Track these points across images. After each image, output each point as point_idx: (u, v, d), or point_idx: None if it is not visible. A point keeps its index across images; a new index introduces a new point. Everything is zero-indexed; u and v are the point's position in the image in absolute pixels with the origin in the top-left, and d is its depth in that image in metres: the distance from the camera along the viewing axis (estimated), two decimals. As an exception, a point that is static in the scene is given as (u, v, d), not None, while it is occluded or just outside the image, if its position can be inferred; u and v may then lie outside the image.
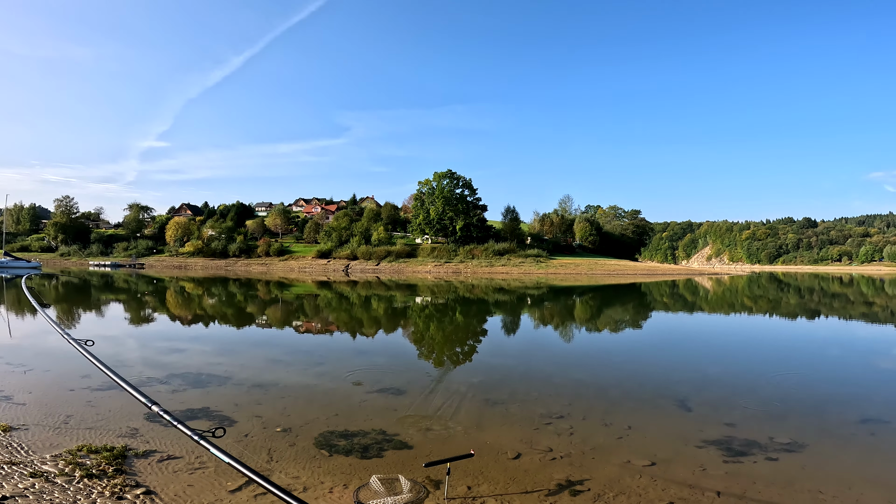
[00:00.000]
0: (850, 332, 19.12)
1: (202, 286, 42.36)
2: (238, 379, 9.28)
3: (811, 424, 7.09)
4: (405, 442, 6.09)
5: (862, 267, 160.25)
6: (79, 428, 6.35)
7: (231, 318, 21.36)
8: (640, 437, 6.32)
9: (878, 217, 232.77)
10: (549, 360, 12.54)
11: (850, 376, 10.78)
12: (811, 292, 43.60)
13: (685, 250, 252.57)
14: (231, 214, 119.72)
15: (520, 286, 46.49)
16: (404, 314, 23.82)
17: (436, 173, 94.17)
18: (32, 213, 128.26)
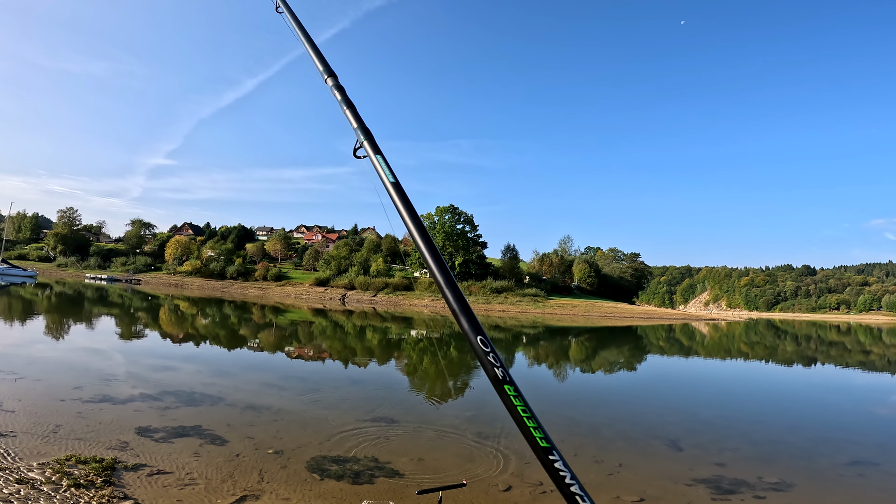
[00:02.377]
0: (847, 380, 19.04)
1: (197, 306, 42.13)
2: (231, 400, 9.24)
3: (800, 466, 7.09)
4: (397, 470, 6.06)
5: (860, 316, 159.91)
6: (68, 438, 6.32)
7: (225, 339, 21.24)
8: (631, 475, 6.31)
9: (878, 266, 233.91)
10: (543, 397, 12.47)
11: (844, 421, 10.77)
12: (808, 340, 43.44)
13: (683, 295, 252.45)
14: (232, 237, 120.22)
15: (516, 325, 46.29)
16: (399, 346, 23.69)
17: (438, 208, 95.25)
18: (34, 223, 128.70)
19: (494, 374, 1.42)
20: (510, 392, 1.41)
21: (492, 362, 1.42)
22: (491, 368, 1.41)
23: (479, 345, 1.45)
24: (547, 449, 1.35)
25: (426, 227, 8.56)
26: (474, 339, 1.45)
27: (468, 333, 1.48)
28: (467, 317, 1.51)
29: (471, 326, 1.49)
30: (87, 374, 10.69)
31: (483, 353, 1.43)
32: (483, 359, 1.42)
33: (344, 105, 2.47)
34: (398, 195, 1.96)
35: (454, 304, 1.55)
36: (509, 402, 1.41)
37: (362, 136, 2.25)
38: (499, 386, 1.41)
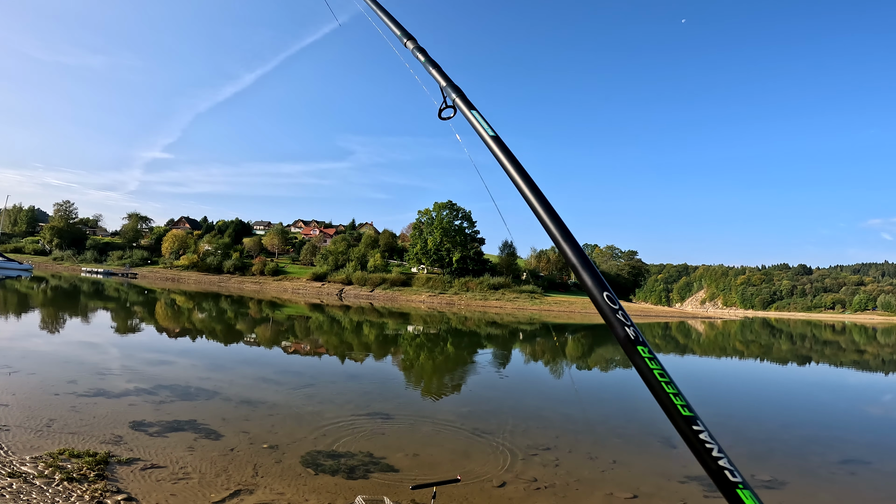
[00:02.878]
0: (840, 379, 19.16)
1: (193, 300, 42.04)
2: (226, 394, 9.23)
3: (793, 464, 7.14)
4: (392, 465, 6.07)
5: (855, 315, 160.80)
6: (62, 432, 6.30)
7: (221, 334, 21.21)
8: (625, 472, 6.33)
9: (874, 266, 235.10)
10: (539, 394, 12.51)
11: (837, 420, 10.84)
12: (803, 339, 43.65)
13: (680, 293, 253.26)
14: (229, 231, 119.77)
15: (513, 321, 46.35)
16: (395, 342, 23.70)
17: (436, 203, 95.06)
18: (31, 216, 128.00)
19: (626, 334, 1.26)
20: (645, 354, 1.24)
21: (621, 321, 1.27)
22: (621, 328, 1.26)
23: (605, 302, 1.29)
24: (690, 418, 1.15)
25: (424, 223, 8.31)
26: (599, 295, 1.31)
27: (592, 290, 1.33)
28: (589, 271, 1.37)
29: (594, 282, 1.34)
30: (81, 368, 10.65)
31: (611, 312, 1.28)
32: (611, 318, 1.28)
33: (429, 66, 2.40)
34: (500, 149, 1.85)
35: (573, 257, 1.41)
36: (644, 365, 1.23)
37: (454, 93, 2.16)
38: (631, 347, 1.25)
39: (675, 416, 1.18)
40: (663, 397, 1.21)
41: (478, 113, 2.03)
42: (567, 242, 1.46)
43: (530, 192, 1.65)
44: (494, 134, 1.90)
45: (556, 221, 1.54)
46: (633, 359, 1.25)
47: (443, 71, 2.33)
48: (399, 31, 2.73)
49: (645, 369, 1.24)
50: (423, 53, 2.50)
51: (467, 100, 2.13)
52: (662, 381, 1.22)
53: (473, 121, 2.01)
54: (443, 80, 2.26)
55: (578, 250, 1.44)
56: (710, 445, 1.14)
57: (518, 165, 1.76)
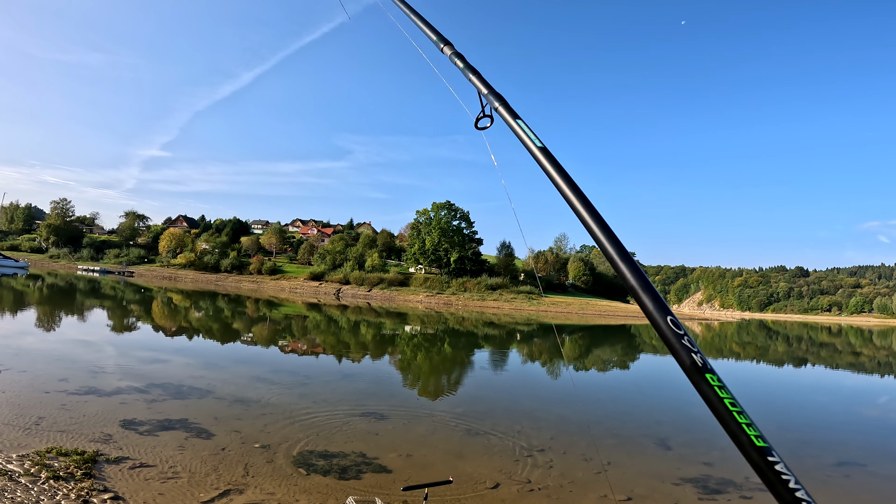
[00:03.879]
0: (836, 381, 19.16)
1: (190, 299, 41.89)
2: (220, 393, 9.16)
3: (788, 466, 7.09)
4: (384, 465, 6.02)
5: (851, 318, 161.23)
6: (50, 430, 6.23)
7: (217, 333, 21.11)
8: (619, 473, 6.29)
9: (870, 268, 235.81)
10: (535, 395, 12.47)
11: (832, 422, 10.84)
12: (799, 341, 43.72)
13: (677, 295, 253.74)
14: (227, 230, 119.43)
15: (510, 322, 46.32)
16: (392, 342, 23.63)
17: (434, 204, 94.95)
18: (27, 213, 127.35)
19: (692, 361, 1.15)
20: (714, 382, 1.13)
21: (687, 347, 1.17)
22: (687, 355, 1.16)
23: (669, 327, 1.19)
24: (765, 449, 1.06)
25: (422, 223, 8.17)
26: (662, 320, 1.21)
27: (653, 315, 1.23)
28: (650, 295, 1.26)
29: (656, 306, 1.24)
30: (74, 366, 10.57)
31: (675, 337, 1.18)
32: (674, 344, 1.18)
33: (469, 72, 2.25)
34: (548, 160, 1.65)
35: (633, 280, 1.30)
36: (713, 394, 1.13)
37: (496, 101, 2.01)
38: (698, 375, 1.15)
39: (748, 448, 1.09)
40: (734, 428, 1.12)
41: (523, 122, 1.88)
42: (625, 263, 1.36)
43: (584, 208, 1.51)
44: (542, 145, 1.75)
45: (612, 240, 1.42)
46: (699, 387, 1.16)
47: (483, 78, 2.19)
48: (435, 37, 2.59)
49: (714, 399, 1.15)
50: (461, 59, 2.36)
51: (511, 108, 1.98)
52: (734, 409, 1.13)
53: (519, 131, 1.86)
54: (484, 88, 2.12)
55: (638, 272, 1.33)
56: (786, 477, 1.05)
57: (569, 179, 1.62)
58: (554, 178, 1.64)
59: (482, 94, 2.11)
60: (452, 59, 2.41)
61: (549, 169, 1.67)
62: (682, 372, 1.14)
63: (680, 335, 1.19)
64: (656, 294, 1.27)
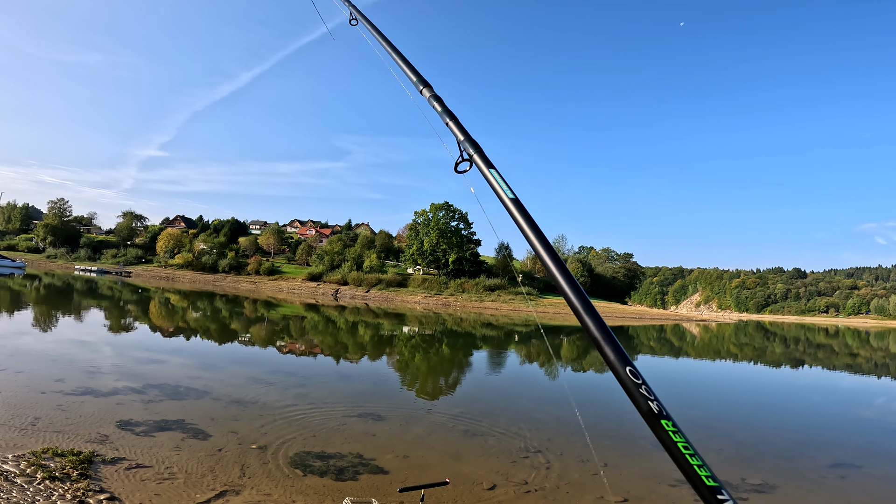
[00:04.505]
0: (833, 382, 19.22)
1: (188, 299, 41.81)
2: (217, 394, 9.15)
3: (783, 467, 7.13)
4: (381, 467, 6.02)
5: (848, 319, 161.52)
6: (46, 431, 6.22)
7: (214, 333, 21.08)
8: (616, 475, 6.30)
9: (867, 270, 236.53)
10: (532, 396, 12.48)
11: (828, 423, 10.88)
12: (796, 342, 43.84)
13: (675, 296, 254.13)
14: (225, 230, 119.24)
15: (508, 322, 46.35)
16: (391, 342, 23.63)
17: (432, 204, 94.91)
18: (24, 213, 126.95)
19: (649, 408, 1.27)
20: (669, 427, 1.24)
21: (645, 395, 1.28)
22: (644, 402, 1.27)
23: (628, 376, 1.31)
24: (715, 489, 1.16)
25: (421, 224, 8.16)
26: (622, 370, 1.31)
27: (615, 364, 1.33)
28: (612, 346, 1.36)
29: (617, 357, 1.35)
30: (70, 366, 10.54)
31: (634, 386, 1.29)
32: (634, 392, 1.29)
33: (446, 116, 2.26)
34: (519, 212, 1.72)
35: (595, 331, 1.40)
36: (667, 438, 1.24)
37: (471, 149, 2.03)
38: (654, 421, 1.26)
39: (700, 487, 1.19)
40: (687, 469, 1.21)
41: (497, 172, 1.91)
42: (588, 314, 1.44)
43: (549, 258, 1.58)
44: (514, 196, 1.80)
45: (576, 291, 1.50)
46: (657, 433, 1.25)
47: (460, 124, 2.21)
48: (415, 78, 2.62)
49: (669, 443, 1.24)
50: (439, 103, 2.38)
51: (486, 157, 2.00)
52: (686, 453, 1.22)
53: (492, 180, 1.89)
54: (460, 134, 2.14)
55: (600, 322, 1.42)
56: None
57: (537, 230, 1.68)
58: (523, 228, 1.70)
59: (459, 141, 2.12)
60: (431, 103, 2.41)
61: (519, 220, 1.72)
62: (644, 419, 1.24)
63: (638, 384, 1.29)
64: (618, 345, 1.37)
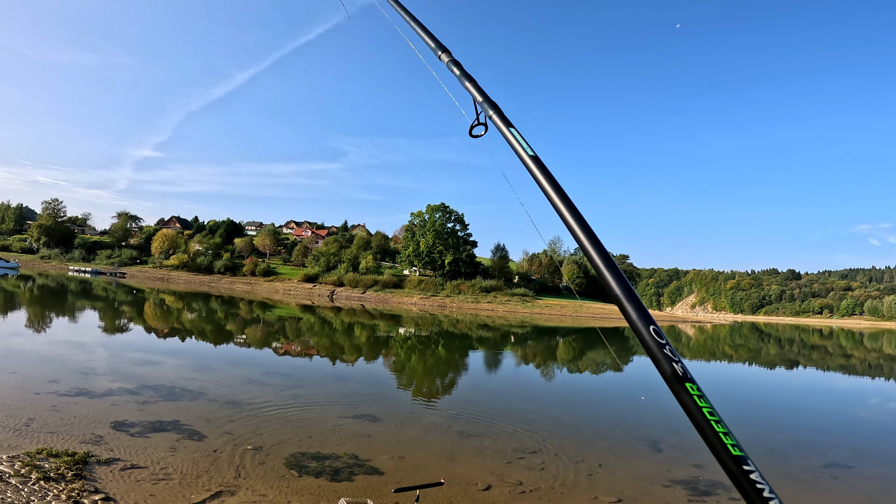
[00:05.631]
0: (827, 383, 19.35)
1: (183, 300, 41.65)
2: (212, 395, 9.13)
3: (776, 468, 7.19)
4: (376, 467, 6.03)
5: (842, 320, 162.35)
6: (41, 431, 6.20)
7: (209, 334, 21.01)
8: (610, 475, 6.34)
9: (861, 271, 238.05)
10: (528, 397, 12.50)
11: (821, 424, 10.96)
12: (791, 343, 44.07)
13: (670, 297, 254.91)
14: (220, 231, 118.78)
15: (504, 324, 46.39)
16: (387, 344, 23.61)
17: (429, 206, 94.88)
18: (18, 214, 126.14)
19: (673, 370, 1.19)
20: (693, 392, 1.17)
21: (669, 356, 1.20)
22: (668, 364, 1.19)
23: (652, 336, 1.22)
24: (741, 458, 1.08)
25: (417, 225, 8.17)
26: (645, 329, 1.24)
27: (636, 324, 1.25)
28: (634, 304, 1.28)
29: (639, 315, 1.26)
30: (65, 367, 10.50)
31: (657, 347, 1.21)
32: (657, 353, 1.21)
33: (465, 80, 2.27)
34: (539, 169, 1.69)
35: (617, 289, 1.31)
36: (692, 403, 1.16)
37: (490, 109, 2.02)
38: (678, 384, 1.18)
39: (724, 456, 1.12)
40: (711, 436, 1.14)
41: (516, 131, 1.90)
42: (610, 272, 1.38)
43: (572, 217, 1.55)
44: (534, 154, 1.78)
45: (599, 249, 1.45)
46: (679, 396, 1.19)
47: (479, 86, 2.21)
48: (433, 44, 2.60)
49: (693, 408, 1.17)
50: (458, 67, 2.39)
51: (505, 117, 2.00)
52: (712, 419, 1.15)
53: (511, 139, 1.88)
54: (479, 96, 2.13)
55: (622, 280, 1.36)
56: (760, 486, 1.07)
57: (558, 188, 1.65)
58: (544, 187, 1.67)
59: (477, 102, 2.12)
60: (449, 67, 2.42)
61: (539, 177, 1.70)
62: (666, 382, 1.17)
63: (662, 344, 1.22)
64: (640, 303, 1.30)
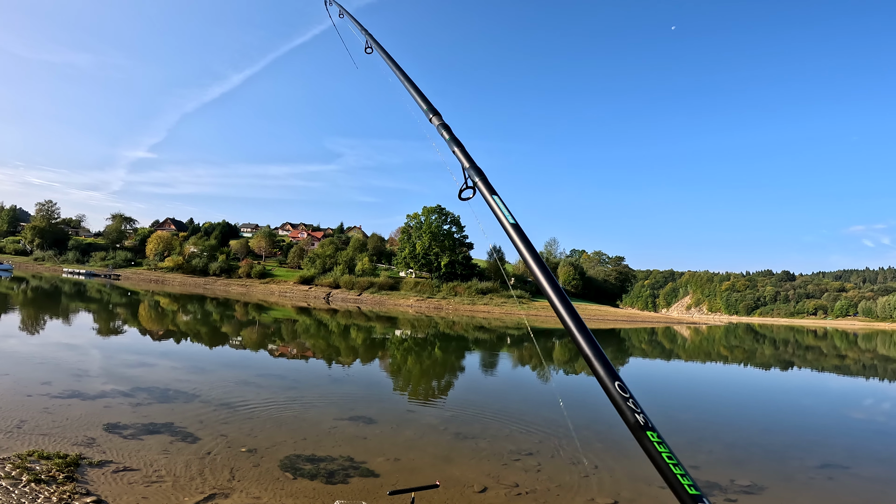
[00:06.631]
0: (822, 384, 19.43)
1: (178, 302, 41.43)
2: (206, 397, 9.07)
3: (772, 469, 7.20)
4: (372, 470, 5.99)
5: (836, 321, 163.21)
6: (32, 433, 6.13)
7: (204, 336, 20.90)
8: (606, 477, 6.32)
9: (855, 272, 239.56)
10: (524, 398, 12.49)
11: (816, 424, 11.00)
12: (786, 344, 44.28)
13: (666, 299, 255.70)
14: (216, 233, 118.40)
15: (501, 326, 46.40)
16: (383, 346, 23.56)
17: (425, 208, 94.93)
18: (11, 215, 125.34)
19: (636, 420, 1.36)
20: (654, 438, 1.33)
21: (632, 408, 1.38)
22: (632, 415, 1.37)
23: (616, 391, 1.41)
24: (697, 496, 1.24)
25: (413, 227, 8.24)
26: (611, 384, 1.42)
27: (604, 379, 1.44)
28: (602, 362, 1.47)
29: (606, 372, 1.46)
30: (57, 369, 10.41)
31: (622, 400, 1.40)
32: (622, 405, 1.39)
33: (453, 144, 2.38)
34: (519, 237, 1.85)
35: (587, 349, 1.51)
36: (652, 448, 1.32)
37: (476, 177, 2.15)
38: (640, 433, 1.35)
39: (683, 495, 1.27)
40: (671, 478, 1.30)
41: (499, 199, 2.03)
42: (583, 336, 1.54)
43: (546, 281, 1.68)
44: (514, 222, 1.92)
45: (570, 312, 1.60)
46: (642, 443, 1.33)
47: (466, 152, 2.32)
48: (425, 106, 2.73)
49: (654, 453, 1.33)
50: (447, 131, 2.50)
51: (489, 184, 2.12)
52: (670, 462, 1.31)
53: (495, 206, 2.01)
54: (466, 162, 2.24)
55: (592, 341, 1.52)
56: None
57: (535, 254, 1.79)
58: (522, 253, 1.81)
59: (465, 168, 2.21)
60: (440, 130, 2.53)
61: (518, 244, 1.84)
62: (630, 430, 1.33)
63: (626, 398, 1.40)
64: (608, 362, 1.48)
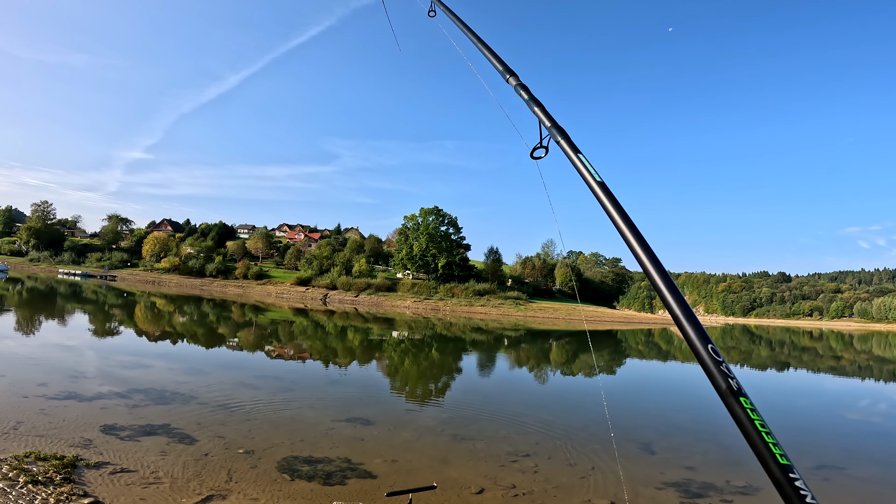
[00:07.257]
0: (818, 385, 19.52)
1: (174, 303, 41.29)
2: (203, 399, 9.05)
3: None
4: (369, 471, 6.00)
5: (832, 322, 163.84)
6: (28, 435, 6.12)
7: (201, 338, 20.85)
8: (603, 478, 6.35)
9: (850, 273, 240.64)
10: (521, 400, 12.51)
11: (813, 425, 11.05)
12: (782, 345, 44.44)
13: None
14: (212, 234, 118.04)
15: (498, 327, 46.42)
16: (380, 347, 23.54)
17: (422, 209, 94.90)
18: (7, 216, 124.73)
19: (728, 385, 1.31)
20: (747, 405, 1.29)
21: (725, 373, 1.32)
22: (724, 380, 1.32)
23: (710, 354, 1.34)
24: (787, 467, 1.19)
25: (410, 229, 8.24)
26: (704, 348, 1.35)
27: (695, 343, 1.37)
28: (693, 324, 1.40)
29: (698, 335, 1.38)
30: (54, 370, 10.37)
31: (714, 364, 1.33)
32: (714, 370, 1.32)
33: (533, 104, 2.31)
34: (605, 195, 1.76)
35: (678, 310, 1.44)
36: (745, 416, 1.28)
37: (558, 135, 2.07)
38: (733, 398, 1.30)
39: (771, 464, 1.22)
40: (761, 446, 1.25)
41: (584, 157, 1.96)
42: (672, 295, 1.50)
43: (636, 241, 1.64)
44: (601, 180, 1.85)
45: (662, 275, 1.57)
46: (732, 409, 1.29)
47: (547, 111, 2.25)
48: (501, 67, 2.65)
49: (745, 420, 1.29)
50: (526, 91, 2.44)
51: (573, 143, 2.04)
52: (763, 430, 1.26)
53: (580, 165, 1.94)
54: (547, 121, 2.17)
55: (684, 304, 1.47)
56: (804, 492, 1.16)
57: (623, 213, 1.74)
58: (610, 212, 1.76)
59: (544, 126, 2.16)
60: (517, 91, 2.47)
61: (605, 202, 1.78)
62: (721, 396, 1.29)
63: (719, 362, 1.33)
64: (699, 324, 1.42)
